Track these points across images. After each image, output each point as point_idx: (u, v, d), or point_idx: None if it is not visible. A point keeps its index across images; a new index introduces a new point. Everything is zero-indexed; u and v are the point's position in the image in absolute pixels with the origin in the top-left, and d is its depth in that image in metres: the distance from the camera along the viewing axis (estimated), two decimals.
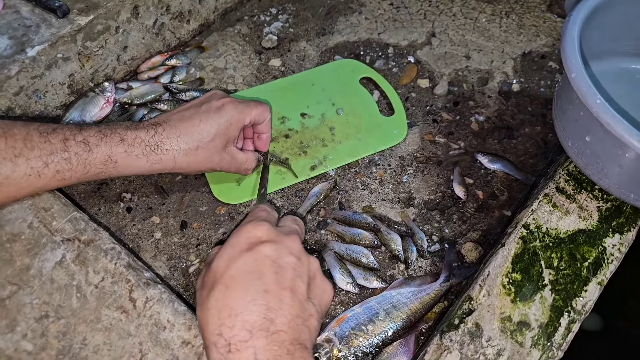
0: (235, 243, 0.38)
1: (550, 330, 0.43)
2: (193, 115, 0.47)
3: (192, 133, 0.47)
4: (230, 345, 0.33)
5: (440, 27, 0.78)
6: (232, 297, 0.35)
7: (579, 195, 0.51)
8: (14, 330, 0.43)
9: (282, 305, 0.35)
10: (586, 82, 0.45)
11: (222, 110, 0.48)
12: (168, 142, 0.46)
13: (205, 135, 0.47)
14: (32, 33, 0.61)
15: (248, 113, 0.51)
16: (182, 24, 0.75)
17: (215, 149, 0.48)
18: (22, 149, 0.40)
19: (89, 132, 0.43)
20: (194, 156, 0.47)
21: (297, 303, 0.36)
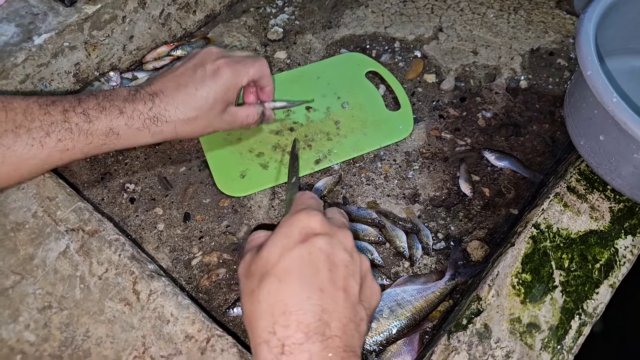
0: (288, 232, 0.33)
1: (561, 332, 0.41)
2: (188, 83, 0.45)
3: (189, 103, 0.44)
4: (284, 346, 0.29)
5: (447, 21, 0.75)
6: (286, 292, 0.31)
7: (591, 195, 0.48)
8: (16, 320, 0.42)
9: (337, 307, 0.31)
10: (602, 80, 0.42)
11: (218, 75, 0.45)
12: (167, 113, 0.44)
13: (204, 103, 0.45)
14: (39, 21, 0.59)
15: (245, 74, 0.47)
16: (189, 14, 0.72)
17: (215, 114, 0.46)
18: (22, 121, 0.39)
19: (88, 104, 0.41)
20: (194, 125, 0.45)
21: (350, 306, 0.32)
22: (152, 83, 0.45)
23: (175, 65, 0.48)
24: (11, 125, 0.39)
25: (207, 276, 0.52)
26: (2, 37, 0.57)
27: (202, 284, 0.51)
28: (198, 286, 0.51)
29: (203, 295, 0.51)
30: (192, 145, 0.61)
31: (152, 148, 0.61)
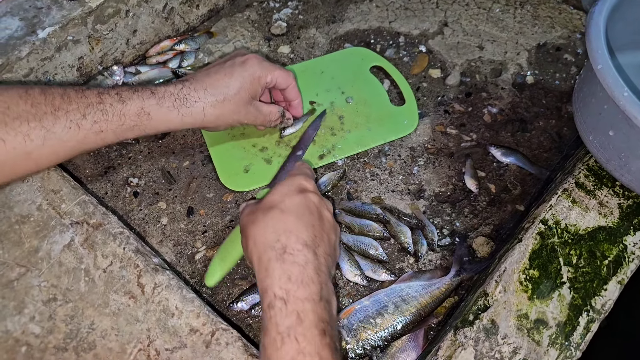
0: (289, 184, 0.42)
1: (569, 329, 0.40)
2: (218, 70, 0.48)
3: (218, 86, 0.47)
4: (286, 248, 0.37)
5: (452, 16, 0.74)
6: (287, 219, 0.39)
7: (599, 191, 0.48)
8: (22, 312, 0.42)
9: (323, 241, 0.40)
10: (613, 74, 0.41)
11: (246, 64, 0.49)
12: (196, 94, 0.46)
13: (231, 88, 0.47)
14: (43, 15, 0.59)
15: (271, 71, 0.50)
16: (192, 8, 0.72)
17: (241, 101, 0.48)
18: (60, 103, 0.41)
19: (121, 88, 0.44)
20: (221, 108, 0.47)
21: (330, 248, 0.41)
22: (183, 77, 0.49)
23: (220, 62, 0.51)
24: (50, 107, 0.40)
25: None
26: (6, 30, 0.57)
27: None
28: (202, 281, 0.51)
29: (207, 290, 0.50)
30: (195, 140, 0.61)
31: (155, 142, 0.61)
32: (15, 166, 0.40)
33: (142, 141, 0.61)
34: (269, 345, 0.34)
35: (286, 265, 0.37)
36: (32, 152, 0.40)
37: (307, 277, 0.36)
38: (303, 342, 0.33)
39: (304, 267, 0.37)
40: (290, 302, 0.35)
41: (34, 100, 0.40)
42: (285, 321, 0.34)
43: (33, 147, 0.40)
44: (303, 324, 0.34)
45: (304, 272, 0.37)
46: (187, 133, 0.62)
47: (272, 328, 0.34)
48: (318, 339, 0.34)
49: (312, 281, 0.36)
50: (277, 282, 0.36)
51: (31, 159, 0.40)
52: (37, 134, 0.39)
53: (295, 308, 0.35)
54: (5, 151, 0.39)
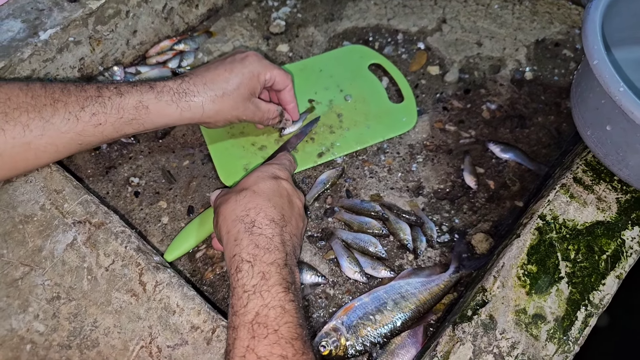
0: (263, 170, 0.45)
1: (567, 323, 0.40)
2: (218, 66, 0.48)
3: (217, 81, 0.47)
4: (255, 222, 0.40)
5: (451, 13, 0.74)
6: (258, 199, 0.42)
7: (598, 186, 0.48)
8: (26, 310, 0.42)
9: (290, 223, 0.43)
10: (609, 69, 0.41)
11: (246, 61, 0.49)
12: (195, 88, 0.46)
13: (231, 84, 0.48)
14: (45, 17, 0.59)
15: (270, 69, 0.51)
16: (191, 8, 0.72)
17: (240, 97, 0.49)
18: (60, 96, 0.42)
19: (120, 83, 0.45)
20: (220, 103, 0.48)
21: (297, 230, 0.44)
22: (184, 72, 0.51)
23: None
24: (49, 100, 0.41)
25: (211, 269, 0.52)
26: (8, 32, 0.57)
27: (207, 276, 0.51)
28: (202, 279, 0.51)
29: (207, 288, 0.51)
30: (195, 139, 0.61)
31: (155, 142, 0.61)
32: (14, 157, 0.41)
33: (142, 141, 0.61)
34: (236, 304, 0.37)
35: (254, 236, 0.39)
36: (31, 142, 0.41)
37: (272, 246, 0.39)
38: (267, 298, 0.36)
39: (270, 238, 0.40)
40: (257, 265, 0.38)
41: (34, 93, 0.41)
42: (252, 281, 0.37)
43: (32, 137, 0.40)
44: (268, 283, 0.37)
45: (271, 242, 0.39)
46: (186, 132, 0.62)
47: (239, 288, 0.37)
48: (282, 294, 0.37)
49: (278, 249, 0.39)
50: (245, 249, 0.38)
51: (30, 149, 0.41)
52: (36, 124, 0.40)
53: (261, 269, 0.37)
54: (5, 140, 0.40)
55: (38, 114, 0.40)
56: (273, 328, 0.35)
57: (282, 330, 0.35)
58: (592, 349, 0.43)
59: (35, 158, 0.42)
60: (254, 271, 0.37)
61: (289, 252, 0.40)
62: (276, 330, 0.35)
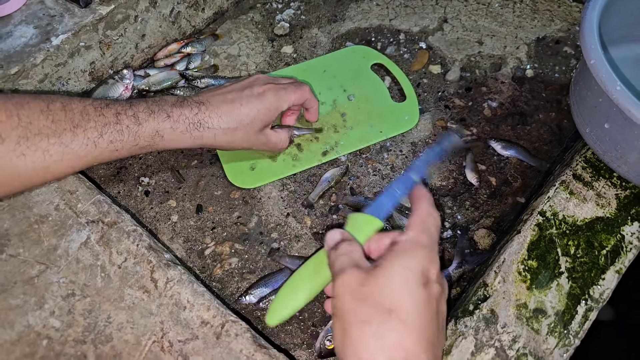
0: (412, 269, 0.32)
1: (567, 318, 0.40)
2: (235, 99, 0.48)
3: (232, 115, 0.47)
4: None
5: (452, 12, 0.74)
6: (407, 338, 0.30)
7: (597, 182, 0.48)
8: (42, 307, 0.43)
9: (437, 346, 0.32)
10: (606, 68, 0.41)
11: (263, 97, 0.49)
12: (210, 121, 0.46)
13: (245, 118, 0.48)
14: (56, 22, 0.60)
15: (286, 100, 0.51)
16: (197, 12, 0.72)
17: (253, 131, 0.49)
18: (79, 121, 0.41)
19: (138, 108, 0.44)
20: (232, 136, 0.48)
21: (440, 355, 0.33)
22: (200, 94, 0.49)
23: (224, 84, 0.52)
24: (69, 124, 0.41)
25: (219, 265, 0.52)
26: (21, 38, 0.58)
27: (215, 273, 0.52)
28: (211, 275, 0.52)
29: (216, 284, 0.51)
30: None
31: None
32: (33, 178, 0.41)
33: None
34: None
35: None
36: (50, 166, 0.41)
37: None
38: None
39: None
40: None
41: (54, 117, 0.40)
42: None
43: (51, 162, 0.41)
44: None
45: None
46: None
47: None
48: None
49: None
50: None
51: (49, 172, 0.41)
52: (55, 150, 0.40)
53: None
54: (24, 164, 0.40)
55: (58, 139, 0.40)
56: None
57: None
58: (595, 343, 0.43)
59: (52, 177, 0.43)
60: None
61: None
62: None
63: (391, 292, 0.31)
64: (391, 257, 0.33)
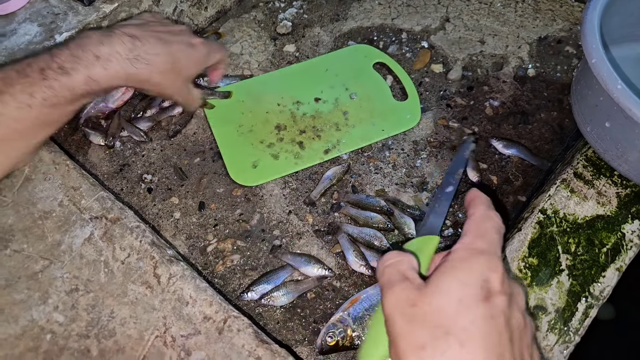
0: (467, 281, 0.27)
1: (567, 315, 0.41)
2: (171, 42, 0.48)
3: (169, 55, 0.47)
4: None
5: (454, 12, 0.74)
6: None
7: (598, 181, 0.48)
8: (46, 302, 0.43)
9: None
10: (607, 67, 0.41)
11: (196, 47, 0.50)
12: (148, 57, 0.45)
13: (178, 62, 0.48)
14: (60, 20, 0.60)
15: (214, 56, 0.53)
16: (200, 10, 0.73)
17: (181, 77, 0.50)
18: (3, 87, 0.40)
19: (61, 57, 0.42)
20: (166, 77, 0.48)
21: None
22: (128, 27, 0.46)
23: (147, 20, 0.50)
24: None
25: (222, 262, 0.53)
26: (26, 36, 0.59)
27: (218, 269, 0.52)
28: (213, 272, 0.52)
29: (218, 281, 0.52)
30: (205, 138, 0.62)
31: (167, 140, 0.62)
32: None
33: (154, 139, 0.62)
34: None
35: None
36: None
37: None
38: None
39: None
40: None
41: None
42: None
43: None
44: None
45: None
46: (197, 131, 0.63)
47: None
48: None
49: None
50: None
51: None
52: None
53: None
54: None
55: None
56: None
57: None
58: (595, 340, 0.43)
59: (7, 147, 0.42)
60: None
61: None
62: None
63: (446, 312, 0.27)
64: (444, 270, 0.28)
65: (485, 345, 0.26)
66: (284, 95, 0.65)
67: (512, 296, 0.29)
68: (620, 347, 0.62)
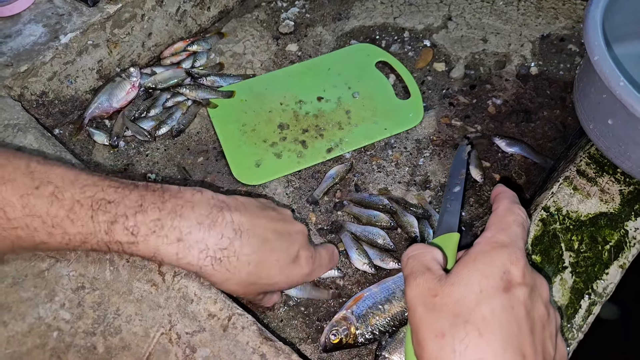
0: (487, 273, 0.28)
1: (571, 312, 0.41)
2: (274, 249, 0.38)
3: (261, 268, 0.38)
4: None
5: (456, 10, 0.74)
6: (487, 350, 0.26)
7: (601, 178, 0.48)
8: (52, 300, 0.44)
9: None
10: (609, 64, 0.42)
11: (295, 267, 0.40)
12: (235, 263, 0.36)
13: (267, 279, 0.39)
14: (65, 21, 0.61)
15: (305, 280, 0.43)
16: (203, 10, 0.74)
17: (260, 289, 0.41)
18: (63, 219, 0.33)
19: (145, 218, 0.33)
20: (242, 288, 0.39)
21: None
22: (239, 211, 0.37)
23: (262, 204, 0.41)
24: (50, 223, 0.33)
25: None
26: (30, 37, 0.59)
27: None
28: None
29: None
30: (209, 137, 0.63)
31: (171, 140, 0.63)
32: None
33: (158, 139, 0.63)
34: None
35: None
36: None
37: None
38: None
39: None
40: None
41: (32, 209, 0.32)
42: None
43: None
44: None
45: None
46: (200, 130, 0.64)
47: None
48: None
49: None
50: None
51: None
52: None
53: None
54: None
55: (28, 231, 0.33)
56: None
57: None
58: (599, 337, 0.44)
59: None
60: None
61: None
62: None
63: (466, 302, 0.28)
64: (466, 262, 0.29)
65: (504, 335, 0.26)
66: (286, 95, 0.65)
67: (534, 287, 0.29)
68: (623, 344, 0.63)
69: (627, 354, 0.64)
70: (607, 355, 0.63)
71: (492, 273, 0.28)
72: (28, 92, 0.58)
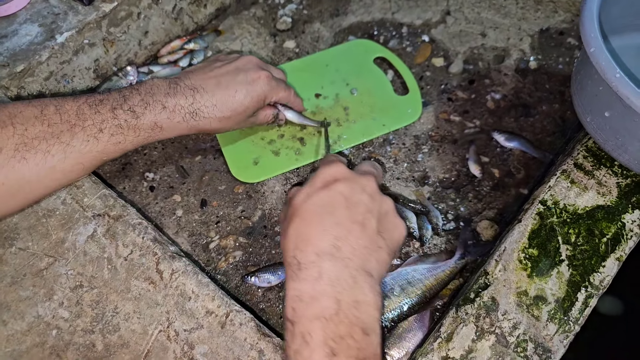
0: (312, 182, 0.40)
1: (567, 304, 0.42)
2: (229, 85, 0.49)
3: (227, 103, 0.49)
4: (301, 264, 0.36)
5: (455, 5, 0.75)
6: (307, 227, 0.38)
7: (598, 171, 0.49)
8: (51, 298, 0.45)
9: (349, 236, 0.37)
10: (605, 56, 0.42)
11: (257, 84, 0.51)
12: (205, 110, 0.48)
13: (238, 106, 0.50)
14: (61, 20, 0.62)
15: (276, 93, 0.54)
16: (200, 8, 0.74)
17: (244, 116, 0.52)
18: (76, 120, 0.43)
19: (133, 101, 0.45)
20: (226, 122, 0.50)
21: (366, 236, 0.38)
22: (190, 77, 0.49)
23: (212, 61, 0.52)
24: (66, 125, 0.43)
25: (224, 259, 0.54)
26: (27, 36, 0.60)
27: (220, 266, 0.54)
28: (216, 268, 0.54)
29: (221, 277, 0.53)
30: (206, 136, 0.64)
31: (169, 140, 0.64)
32: (42, 180, 0.43)
33: None
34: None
35: (298, 282, 0.36)
36: (56, 165, 0.43)
37: (318, 293, 0.35)
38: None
39: (316, 280, 0.35)
40: (297, 324, 0.35)
41: (50, 121, 0.42)
42: (293, 344, 0.34)
43: (55, 161, 0.42)
44: (309, 346, 0.34)
45: (315, 288, 0.35)
46: None
47: (287, 347, 0.35)
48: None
49: (325, 295, 0.35)
50: (289, 302, 0.36)
51: (56, 171, 0.43)
52: (57, 149, 0.42)
53: (301, 330, 0.34)
54: (29, 168, 0.41)
55: (57, 139, 0.42)
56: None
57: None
58: (595, 329, 0.44)
59: (63, 176, 0.44)
60: (295, 331, 0.34)
61: (345, 288, 0.35)
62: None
63: (295, 203, 0.39)
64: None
65: (320, 215, 0.38)
66: None
67: (354, 182, 0.40)
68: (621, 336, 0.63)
69: (629, 350, 0.65)
70: (609, 351, 0.63)
71: (315, 181, 0.40)
72: (25, 92, 0.59)
